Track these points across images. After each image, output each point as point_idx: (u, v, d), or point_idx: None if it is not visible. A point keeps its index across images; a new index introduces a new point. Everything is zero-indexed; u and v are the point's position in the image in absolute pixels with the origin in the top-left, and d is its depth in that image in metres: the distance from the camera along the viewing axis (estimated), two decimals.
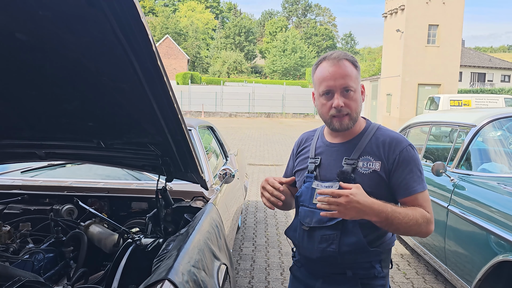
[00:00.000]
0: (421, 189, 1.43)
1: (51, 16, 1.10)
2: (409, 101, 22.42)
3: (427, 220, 1.39)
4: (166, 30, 57.64)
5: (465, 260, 2.93)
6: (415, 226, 1.37)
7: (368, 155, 1.44)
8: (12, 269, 1.59)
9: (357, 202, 1.26)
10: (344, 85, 1.41)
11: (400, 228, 1.36)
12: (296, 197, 1.57)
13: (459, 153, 3.39)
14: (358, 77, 1.46)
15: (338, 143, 1.52)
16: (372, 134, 1.49)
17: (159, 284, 1.31)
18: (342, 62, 1.42)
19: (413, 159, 1.44)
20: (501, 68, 36.62)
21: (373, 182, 1.42)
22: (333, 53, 1.46)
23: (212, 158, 3.94)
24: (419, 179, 1.43)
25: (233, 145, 12.09)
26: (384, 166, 1.42)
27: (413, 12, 21.89)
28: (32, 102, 1.65)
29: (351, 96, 1.42)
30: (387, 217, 1.32)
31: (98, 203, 2.48)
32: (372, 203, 1.29)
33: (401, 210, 1.36)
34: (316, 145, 1.59)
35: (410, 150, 1.44)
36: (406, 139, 1.48)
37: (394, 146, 1.44)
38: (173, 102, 1.43)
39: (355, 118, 1.45)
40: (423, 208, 1.41)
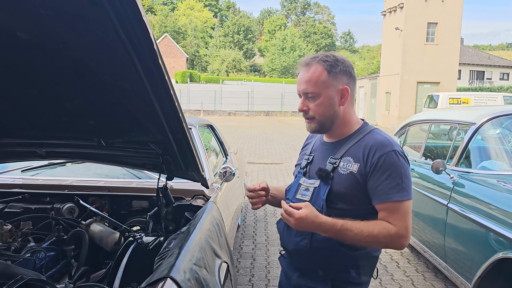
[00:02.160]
0: (398, 198, 1.36)
1: (52, 15, 1.10)
2: (408, 99, 22.43)
3: (390, 236, 1.35)
4: (165, 28, 57.59)
5: (464, 258, 2.94)
6: (374, 242, 1.37)
7: (350, 156, 1.45)
8: (14, 267, 1.59)
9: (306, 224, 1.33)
10: (304, 90, 1.45)
11: (354, 242, 1.37)
12: (286, 190, 1.66)
13: (459, 151, 3.39)
14: (328, 81, 1.43)
15: (329, 142, 1.56)
16: (362, 136, 1.49)
17: (161, 282, 1.31)
18: (309, 67, 1.45)
19: (394, 165, 1.38)
20: (500, 66, 36.64)
21: (348, 183, 1.42)
22: (305, 58, 1.49)
23: (212, 157, 3.95)
24: (398, 187, 1.37)
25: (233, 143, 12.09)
26: (361, 169, 1.41)
27: (412, 10, 21.87)
28: (33, 101, 1.65)
29: (314, 100, 1.45)
30: (335, 235, 1.35)
31: (99, 201, 2.48)
32: (319, 223, 1.33)
33: (356, 227, 1.34)
34: (315, 143, 1.66)
35: (392, 156, 1.39)
36: (393, 144, 1.42)
37: (375, 150, 1.41)
38: (174, 101, 1.43)
39: (322, 121, 1.47)
40: (392, 220, 1.36)
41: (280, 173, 8.83)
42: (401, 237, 1.36)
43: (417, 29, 21.91)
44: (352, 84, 1.49)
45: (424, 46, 22.12)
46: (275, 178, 8.22)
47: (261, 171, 9.03)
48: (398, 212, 1.37)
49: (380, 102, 25.39)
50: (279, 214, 5.76)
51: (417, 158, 4.26)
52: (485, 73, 36.13)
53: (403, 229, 1.36)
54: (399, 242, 1.37)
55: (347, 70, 1.47)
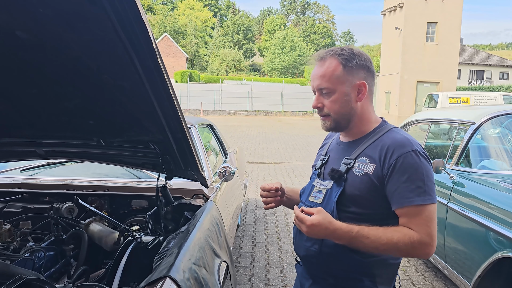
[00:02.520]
0: (419, 201, 1.25)
1: (51, 14, 1.10)
2: (408, 98, 22.44)
3: (411, 244, 1.23)
4: (165, 28, 57.59)
5: (464, 257, 2.94)
6: (394, 250, 1.26)
7: (365, 156, 1.36)
8: (13, 267, 1.58)
9: (318, 231, 1.24)
10: (318, 86, 1.37)
11: (372, 250, 1.27)
12: (300, 193, 1.57)
13: (458, 151, 3.39)
14: (343, 76, 1.34)
15: (345, 142, 1.48)
16: (379, 135, 1.38)
17: (160, 282, 1.31)
18: (323, 61, 1.37)
19: (414, 166, 1.27)
20: (499, 65, 36.67)
21: (363, 185, 1.33)
22: (320, 52, 1.41)
23: (212, 156, 3.95)
24: (419, 190, 1.25)
25: (232, 143, 12.09)
26: (377, 171, 1.31)
27: (412, 10, 21.88)
28: (32, 100, 1.65)
29: (329, 96, 1.36)
30: (350, 242, 1.26)
31: (98, 201, 2.48)
32: (333, 230, 1.24)
33: (373, 233, 1.25)
34: (331, 142, 1.58)
35: (412, 156, 1.28)
36: (413, 144, 1.31)
37: (393, 150, 1.30)
38: (174, 100, 1.43)
39: (338, 119, 1.38)
40: (414, 226, 1.25)
41: (280, 172, 8.83)
42: (424, 244, 1.24)
43: (417, 29, 21.92)
44: (370, 79, 1.39)
45: (424, 45, 22.14)
46: (275, 178, 8.22)
47: (260, 170, 9.03)
48: (420, 217, 1.25)
49: (380, 102, 25.40)
50: (278, 214, 5.77)
51: None
52: (485, 73, 36.16)
53: (426, 236, 1.24)
54: (422, 251, 1.25)
55: (364, 64, 1.37)
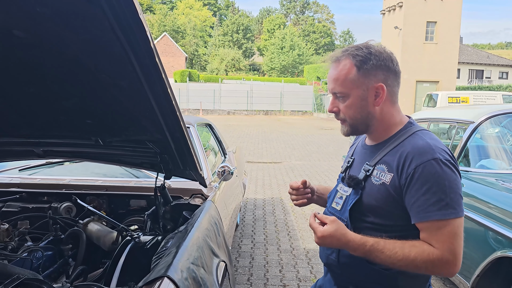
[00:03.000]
0: (439, 216, 1.13)
1: (49, 13, 1.09)
2: (408, 98, 22.45)
3: (431, 261, 1.13)
4: (164, 27, 57.55)
5: (463, 256, 2.93)
6: (411, 267, 1.16)
7: (384, 164, 1.26)
8: (11, 267, 1.58)
9: (329, 242, 1.19)
10: (332, 90, 1.30)
11: (388, 265, 1.18)
12: (328, 198, 1.52)
13: (457, 150, 3.39)
14: (358, 79, 1.25)
15: (369, 145, 1.39)
16: (401, 140, 1.27)
17: (158, 281, 1.31)
18: (338, 63, 1.29)
19: (435, 176, 1.15)
20: (499, 65, 36.70)
21: (380, 195, 1.24)
22: (336, 51, 1.32)
23: (211, 156, 3.94)
24: (440, 203, 1.13)
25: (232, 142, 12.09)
26: (394, 181, 1.21)
27: (411, 9, 21.90)
28: (30, 99, 1.65)
29: (344, 101, 1.29)
30: (365, 255, 1.19)
31: (96, 201, 2.48)
32: (346, 241, 1.18)
33: (389, 247, 1.16)
34: (357, 144, 1.50)
35: (433, 165, 1.15)
36: (435, 151, 1.18)
37: (411, 158, 1.19)
38: (172, 100, 1.43)
39: (353, 124, 1.31)
40: (436, 241, 1.15)
41: (279, 172, 8.83)
42: (446, 263, 1.14)
43: (416, 28, 21.94)
44: (391, 79, 1.29)
45: (423, 45, 22.16)
46: (274, 177, 8.21)
47: (260, 170, 9.03)
48: (441, 233, 1.14)
49: None
50: (278, 213, 5.77)
51: None
52: (484, 72, 36.19)
53: (448, 253, 1.14)
54: (444, 269, 1.15)
55: (383, 64, 1.26)
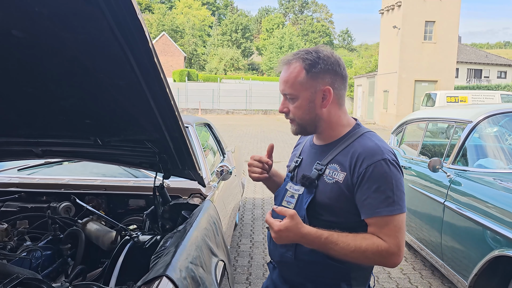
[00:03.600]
0: (386, 212, 1.23)
1: (47, 13, 1.09)
2: (406, 97, 22.46)
3: (379, 253, 1.23)
4: (163, 27, 57.49)
5: (461, 255, 2.95)
6: (362, 258, 1.24)
7: (336, 163, 1.33)
8: (10, 266, 1.59)
9: (286, 236, 1.23)
10: (283, 91, 1.36)
11: (340, 257, 1.25)
12: (275, 196, 1.55)
13: (456, 149, 3.40)
14: (306, 82, 1.31)
15: (318, 145, 1.45)
16: (352, 141, 1.35)
17: (157, 281, 1.31)
18: (289, 66, 1.34)
19: (384, 176, 1.24)
20: (497, 64, 36.72)
21: (333, 193, 1.31)
22: (288, 55, 1.38)
23: (209, 155, 3.94)
24: (389, 200, 1.23)
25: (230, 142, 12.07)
26: (347, 179, 1.29)
27: (410, 9, 21.89)
28: (28, 99, 1.65)
29: (293, 102, 1.35)
30: (319, 247, 1.25)
31: (95, 200, 2.48)
32: (302, 235, 1.23)
33: (342, 240, 1.23)
34: (305, 143, 1.55)
35: (382, 165, 1.25)
36: (384, 152, 1.28)
37: (363, 159, 1.27)
38: (170, 99, 1.43)
39: (302, 124, 1.37)
40: (382, 235, 1.24)
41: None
42: (392, 254, 1.23)
43: (415, 28, 21.93)
44: (338, 83, 1.35)
45: (422, 44, 22.15)
46: None
47: None
48: (389, 227, 1.24)
49: (378, 101, 25.42)
50: None
51: (414, 156, 4.27)
52: (483, 72, 36.19)
53: (394, 246, 1.23)
54: (390, 260, 1.25)
55: (330, 68, 1.32)
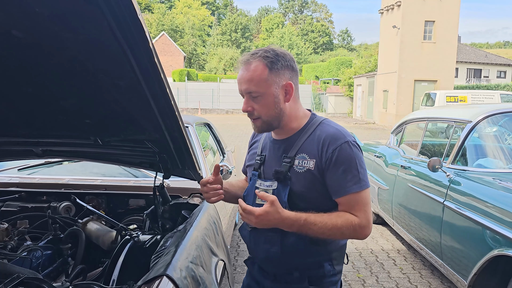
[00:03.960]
0: (355, 189, 1.35)
1: (47, 13, 1.10)
2: (406, 97, 22.46)
3: (352, 227, 1.33)
4: (162, 27, 57.48)
5: (461, 255, 2.96)
6: (338, 234, 1.34)
7: (304, 152, 1.41)
8: (11, 266, 1.59)
9: (267, 220, 1.27)
10: (247, 89, 1.38)
11: (318, 236, 1.34)
12: (243, 196, 1.56)
13: (455, 149, 3.41)
14: (270, 79, 1.36)
15: (280, 139, 1.49)
16: (312, 130, 1.44)
17: (157, 280, 1.31)
18: (250, 64, 1.37)
19: (348, 158, 1.36)
20: (497, 64, 36.72)
21: (307, 181, 1.38)
22: (244, 55, 1.42)
23: (209, 155, 3.94)
24: (355, 178, 1.35)
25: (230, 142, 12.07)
26: (317, 165, 1.37)
27: (409, 8, 21.89)
28: (28, 99, 1.65)
29: (258, 100, 1.38)
30: (299, 229, 1.32)
31: (95, 200, 2.48)
32: (282, 220, 1.29)
33: (319, 220, 1.32)
34: (263, 141, 1.58)
35: (345, 147, 1.36)
36: (345, 135, 1.39)
37: (328, 144, 1.37)
38: (170, 99, 1.44)
39: (269, 121, 1.41)
40: (354, 211, 1.35)
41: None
42: (363, 228, 1.35)
43: (414, 27, 21.93)
44: (295, 78, 1.43)
45: (421, 44, 22.16)
46: None
47: None
48: (358, 203, 1.36)
49: (378, 100, 25.43)
50: None
51: (414, 156, 4.28)
52: (482, 71, 36.19)
53: (365, 220, 1.35)
54: (362, 233, 1.36)
55: (288, 64, 1.40)
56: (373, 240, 4.72)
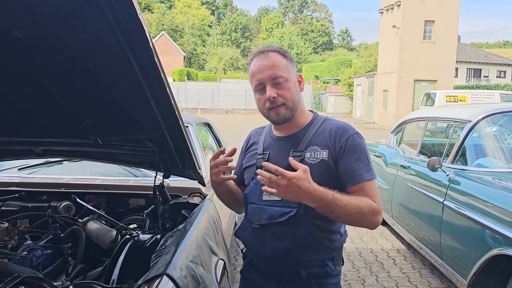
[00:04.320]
0: (369, 177, 1.38)
1: (48, 13, 1.10)
2: (406, 97, 22.47)
3: (372, 210, 1.33)
4: (162, 26, 57.48)
5: (460, 254, 2.96)
6: (359, 216, 1.31)
7: (315, 145, 1.43)
8: (11, 265, 1.59)
9: (298, 187, 1.19)
10: (272, 75, 1.40)
11: (341, 216, 1.30)
12: (245, 195, 1.54)
13: (455, 149, 3.41)
14: (289, 66, 1.44)
15: (285, 136, 1.51)
16: (319, 125, 1.48)
17: (157, 279, 1.31)
18: (268, 54, 1.42)
19: (360, 147, 1.41)
20: (496, 64, 36.73)
21: (321, 171, 1.39)
22: (259, 47, 1.47)
23: (209, 155, 3.95)
24: (367, 167, 1.39)
25: (230, 141, 12.08)
26: (331, 154, 1.40)
27: (409, 8, 21.90)
28: (29, 99, 1.65)
29: (283, 85, 1.41)
30: (326, 204, 1.25)
31: (95, 199, 2.48)
32: (312, 189, 1.22)
33: (344, 198, 1.29)
34: (264, 140, 1.58)
35: (356, 138, 1.42)
36: (352, 127, 1.46)
37: (340, 134, 1.42)
38: (170, 99, 1.44)
39: (293, 107, 1.43)
40: (370, 197, 1.36)
41: None
42: (379, 214, 1.36)
43: (414, 27, 21.94)
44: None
45: (421, 44, 22.16)
46: None
47: None
48: (372, 190, 1.38)
49: (378, 100, 25.43)
50: None
51: (414, 156, 4.28)
52: (482, 71, 36.20)
53: (380, 207, 1.37)
54: (377, 219, 1.36)
55: (293, 59, 1.50)
56: (372, 239, 4.72)
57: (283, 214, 1.41)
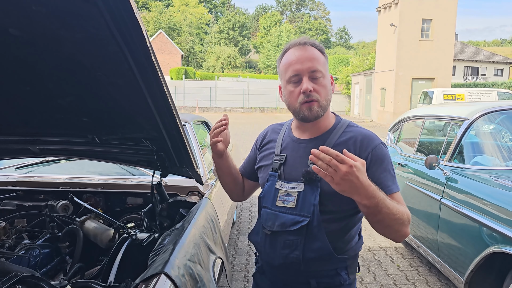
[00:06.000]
0: (396, 189, 1.32)
1: (45, 11, 1.10)
2: (403, 95, 22.50)
3: (408, 218, 1.26)
4: (160, 25, 57.35)
5: (457, 252, 2.97)
6: (399, 223, 1.22)
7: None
8: (9, 264, 1.59)
9: (356, 177, 1.08)
10: (311, 68, 1.32)
11: (385, 220, 1.20)
12: (259, 198, 1.49)
13: (452, 147, 3.42)
14: (326, 63, 1.38)
15: (306, 139, 1.42)
16: (342, 130, 1.40)
17: (155, 278, 1.31)
18: (308, 47, 1.36)
19: (386, 157, 1.34)
20: (494, 62, 36.82)
21: None
22: (298, 39, 1.39)
23: (207, 153, 3.95)
24: (393, 178, 1.33)
25: None
26: None
27: (407, 6, 21.92)
28: (26, 98, 1.64)
29: (320, 81, 1.33)
30: (377, 204, 1.15)
31: (93, 198, 2.48)
32: (368, 184, 1.12)
33: (390, 201, 1.20)
34: (282, 140, 1.49)
35: (382, 148, 1.35)
36: (377, 137, 1.38)
37: (366, 143, 1.34)
38: (168, 97, 1.43)
39: (325, 106, 1.35)
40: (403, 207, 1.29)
41: None
42: (410, 223, 1.29)
43: (411, 25, 21.96)
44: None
45: (418, 42, 22.19)
46: None
47: None
48: (401, 201, 1.30)
49: (375, 98, 25.46)
50: None
51: (411, 154, 4.29)
52: (480, 69, 36.29)
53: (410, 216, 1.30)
54: (408, 230, 1.29)
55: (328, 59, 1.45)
56: (370, 237, 4.73)
57: (296, 223, 1.34)
